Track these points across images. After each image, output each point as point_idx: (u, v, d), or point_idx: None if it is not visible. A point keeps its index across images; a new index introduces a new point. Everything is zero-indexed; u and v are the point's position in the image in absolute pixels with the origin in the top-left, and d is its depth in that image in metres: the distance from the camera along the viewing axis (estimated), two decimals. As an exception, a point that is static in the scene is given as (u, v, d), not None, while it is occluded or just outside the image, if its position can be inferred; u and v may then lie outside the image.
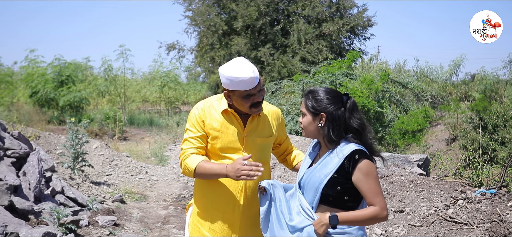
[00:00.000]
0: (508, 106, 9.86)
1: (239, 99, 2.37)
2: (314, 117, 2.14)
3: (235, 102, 2.40)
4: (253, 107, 2.39)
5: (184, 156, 2.41)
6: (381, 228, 4.26)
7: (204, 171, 2.33)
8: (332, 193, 2.08)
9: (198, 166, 2.33)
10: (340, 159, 2.06)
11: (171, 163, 10.19)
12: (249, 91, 2.34)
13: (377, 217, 2.02)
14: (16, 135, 5.61)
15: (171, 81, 20.73)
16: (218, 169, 2.30)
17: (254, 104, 2.38)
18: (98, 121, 14.68)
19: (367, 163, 2.04)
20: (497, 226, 3.65)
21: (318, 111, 2.12)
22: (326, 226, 2.04)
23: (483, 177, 5.94)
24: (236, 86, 2.32)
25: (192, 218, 2.55)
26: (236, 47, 20.15)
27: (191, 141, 2.42)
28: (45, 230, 3.96)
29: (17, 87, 18.56)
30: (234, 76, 2.29)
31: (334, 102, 2.11)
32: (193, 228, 2.53)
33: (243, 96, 2.35)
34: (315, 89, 2.17)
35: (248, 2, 20.26)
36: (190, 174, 2.37)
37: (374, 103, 10.32)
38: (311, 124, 2.16)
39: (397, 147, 10.06)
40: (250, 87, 2.32)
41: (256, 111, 2.42)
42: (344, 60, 13.55)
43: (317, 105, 2.13)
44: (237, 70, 2.30)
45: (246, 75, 2.28)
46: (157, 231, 5.34)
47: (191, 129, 2.44)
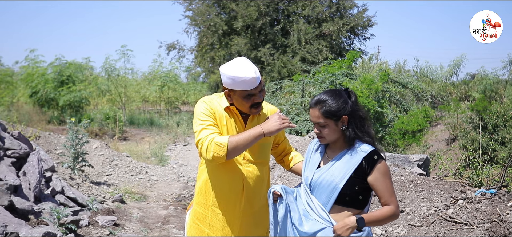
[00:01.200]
0: (508, 106, 9.85)
1: (240, 99, 2.36)
2: (336, 123, 2.14)
3: (236, 101, 2.39)
4: (253, 107, 2.39)
5: (209, 140, 2.25)
6: (381, 228, 4.26)
7: (239, 141, 2.22)
8: (349, 193, 2.10)
9: (230, 141, 2.21)
10: (358, 159, 2.09)
11: (171, 163, 10.19)
12: (250, 91, 2.33)
13: (393, 215, 2.08)
14: (16, 135, 5.61)
15: (171, 81, 20.74)
16: (253, 132, 2.24)
17: (255, 104, 2.38)
18: (98, 121, 14.69)
19: (384, 164, 2.10)
20: (497, 226, 3.65)
21: (340, 116, 2.13)
22: (352, 229, 2.05)
23: (483, 177, 5.94)
24: (237, 85, 2.31)
25: (191, 216, 2.55)
26: (236, 47, 20.15)
27: (209, 128, 2.32)
28: (45, 230, 3.96)
29: (17, 87, 18.57)
30: (236, 75, 2.28)
31: (346, 101, 2.14)
32: (192, 226, 2.52)
33: (244, 96, 2.35)
34: (324, 98, 2.16)
35: (248, 2, 20.25)
36: (222, 152, 2.21)
37: (374, 103, 10.32)
38: (334, 130, 2.16)
39: (397, 147, 10.06)
40: (252, 87, 2.31)
41: (256, 112, 2.41)
42: (344, 60, 13.56)
43: (336, 111, 2.13)
44: (239, 69, 2.29)
45: (248, 75, 2.28)
46: (157, 231, 5.34)
47: (204, 120, 2.36)
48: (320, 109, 2.15)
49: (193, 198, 2.63)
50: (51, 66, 17.51)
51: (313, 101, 2.20)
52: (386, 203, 2.08)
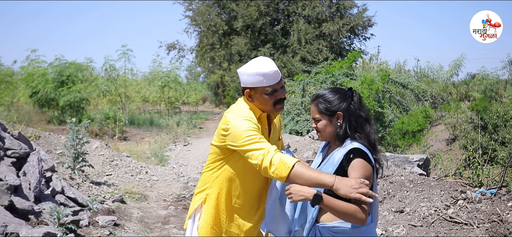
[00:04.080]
0: (508, 106, 9.86)
1: (262, 97, 2.29)
2: (331, 118, 2.14)
3: (258, 100, 2.32)
4: (277, 104, 2.33)
5: (274, 154, 2.11)
6: (381, 228, 4.26)
7: (303, 174, 2.03)
8: (331, 193, 2.07)
9: (296, 167, 2.05)
10: (340, 157, 2.08)
11: (171, 163, 10.19)
12: (273, 86, 2.28)
13: (355, 215, 1.96)
14: (16, 135, 5.61)
15: (172, 81, 20.75)
16: (323, 178, 2.00)
17: (278, 100, 2.32)
18: (98, 121, 14.69)
19: (359, 162, 2.03)
20: (497, 226, 3.65)
21: (334, 112, 2.13)
22: (305, 199, 2.00)
23: (483, 177, 5.94)
24: (260, 82, 2.26)
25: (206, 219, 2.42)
26: (236, 47, 20.16)
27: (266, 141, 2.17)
28: (45, 230, 3.96)
29: (17, 87, 18.56)
30: (258, 71, 2.24)
31: (345, 99, 2.13)
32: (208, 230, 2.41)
33: (267, 93, 2.29)
34: (322, 93, 2.18)
35: (248, 2, 20.26)
36: (284, 172, 2.06)
37: (375, 103, 10.33)
38: (328, 126, 2.15)
39: (397, 147, 10.07)
40: (274, 82, 2.27)
41: (281, 108, 2.36)
42: (345, 60, 13.56)
43: (331, 106, 2.13)
44: (260, 65, 2.26)
45: (270, 69, 2.25)
46: (157, 231, 5.34)
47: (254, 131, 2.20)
48: (316, 104, 2.16)
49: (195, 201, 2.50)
50: (51, 66, 17.52)
51: (312, 97, 2.23)
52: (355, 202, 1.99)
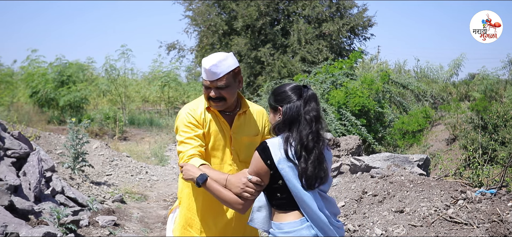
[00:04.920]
0: (508, 106, 9.86)
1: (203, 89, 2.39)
2: (275, 113, 2.13)
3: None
4: (209, 100, 2.36)
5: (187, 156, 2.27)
6: (381, 228, 4.26)
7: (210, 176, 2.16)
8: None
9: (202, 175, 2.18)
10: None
11: (171, 163, 10.19)
12: (205, 83, 2.33)
13: (233, 205, 2.05)
14: (16, 135, 5.61)
15: (172, 81, 20.75)
16: (218, 177, 2.14)
17: (209, 98, 2.35)
18: (98, 121, 14.68)
19: (254, 156, 2.06)
20: (497, 226, 3.65)
21: (276, 107, 2.12)
22: (191, 178, 2.13)
23: (483, 177, 5.94)
24: (201, 74, 2.34)
25: (180, 221, 2.48)
26: (236, 47, 20.14)
27: (188, 142, 2.32)
28: (45, 230, 3.96)
29: (17, 87, 18.56)
30: (202, 63, 2.31)
31: (292, 96, 2.07)
32: (182, 232, 2.46)
33: (203, 85, 2.36)
34: (278, 87, 2.18)
35: (248, 2, 20.25)
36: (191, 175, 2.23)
37: (375, 103, 10.32)
38: (273, 120, 2.16)
39: (397, 147, 10.07)
40: (206, 78, 2.31)
41: (215, 106, 2.37)
42: (346, 60, 13.55)
43: (274, 101, 2.13)
44: (205, 59, 2.31)
45: (206, 64, 2.28)
46: (157, 231, 5.34)
47: (185, 131, 2.33)
48: (269, 96, 2.19)
49: (176, 202, 2.58)
50: (52, 66, 17.51)
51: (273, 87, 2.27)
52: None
